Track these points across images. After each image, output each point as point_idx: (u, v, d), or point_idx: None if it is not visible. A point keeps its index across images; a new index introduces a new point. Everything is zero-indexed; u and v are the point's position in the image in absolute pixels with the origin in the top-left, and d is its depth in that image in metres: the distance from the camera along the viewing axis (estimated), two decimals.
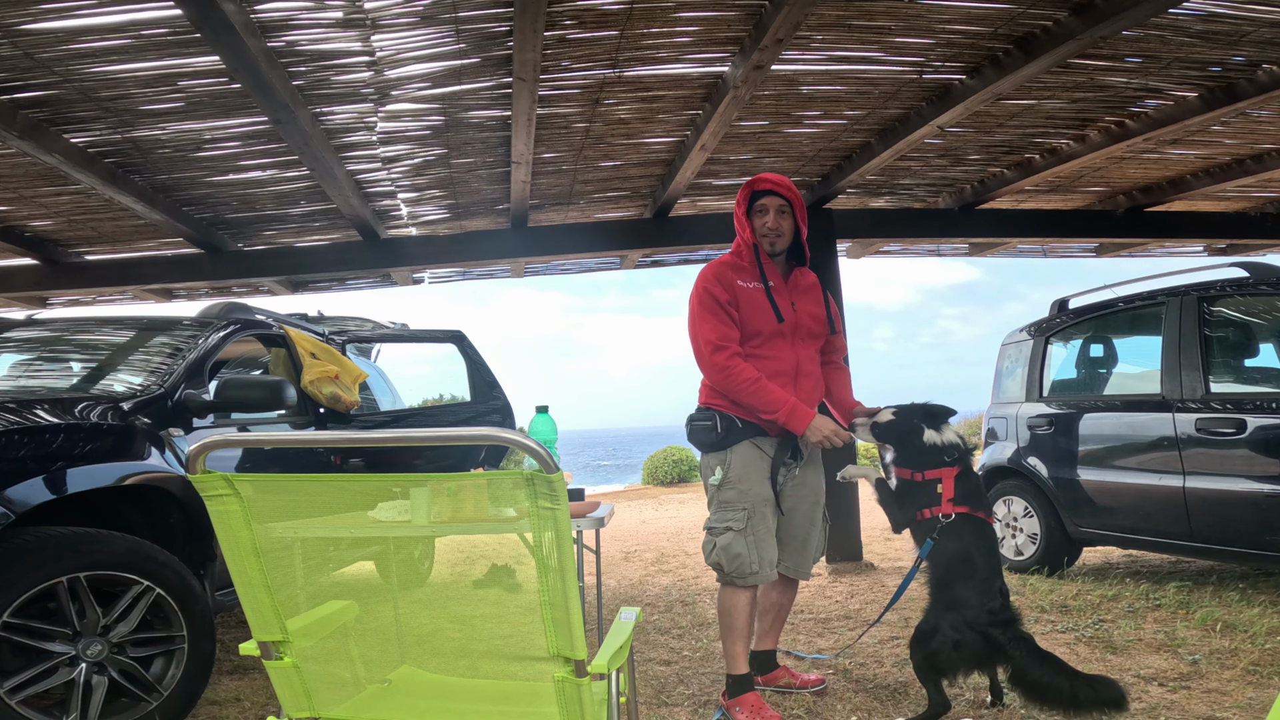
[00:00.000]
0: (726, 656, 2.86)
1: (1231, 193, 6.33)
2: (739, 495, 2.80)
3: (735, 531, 2.77)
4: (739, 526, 2.77)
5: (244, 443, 3.14)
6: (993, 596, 2.63)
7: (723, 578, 2.82)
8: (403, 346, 5.89)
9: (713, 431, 2.85)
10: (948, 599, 2.67)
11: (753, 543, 2.76)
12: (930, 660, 2.64)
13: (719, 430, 2.83)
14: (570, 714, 1.54)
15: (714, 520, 2.84)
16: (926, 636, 2.65)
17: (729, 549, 2.76)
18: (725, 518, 2.80)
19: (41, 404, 2.74)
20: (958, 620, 2.61)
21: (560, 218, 6.07)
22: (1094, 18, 3.30)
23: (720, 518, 2.81)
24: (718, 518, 2.82)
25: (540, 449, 1.38)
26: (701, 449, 2.94)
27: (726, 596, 2.83)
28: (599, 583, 4.18)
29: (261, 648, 1.64)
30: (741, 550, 2.75)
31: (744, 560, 2.75)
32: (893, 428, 2.87)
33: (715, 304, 2.79)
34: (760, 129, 4.70)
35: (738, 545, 2.76)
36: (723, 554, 2.77)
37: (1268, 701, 2.68)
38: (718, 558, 2.79)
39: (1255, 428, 3.75)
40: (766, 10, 3.31)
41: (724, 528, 2.79)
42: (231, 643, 3.69)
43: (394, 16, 3.27)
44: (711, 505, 2.88)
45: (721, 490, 2.83)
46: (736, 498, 2.80)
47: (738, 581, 2.78)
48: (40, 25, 3.13)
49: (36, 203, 5.06)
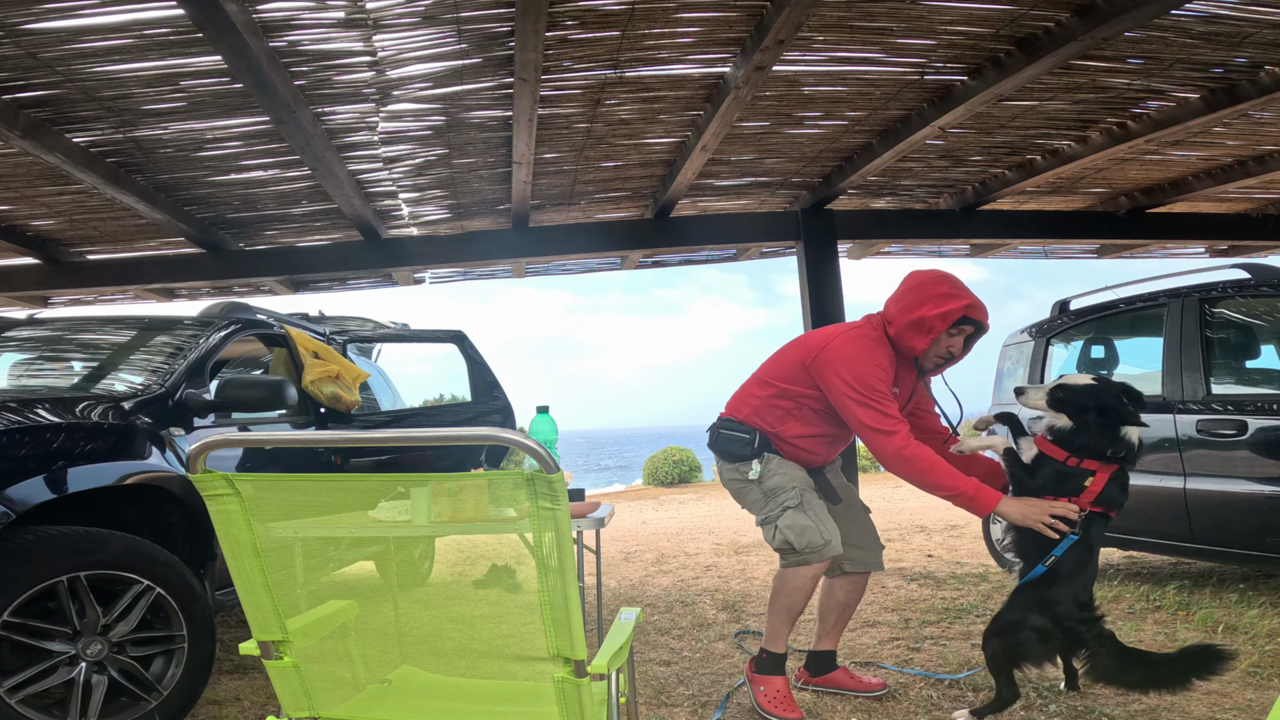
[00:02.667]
0: (770, 631, 2.81)
1: (1233, 194, 6.32)
2: (785, 478, 2.77)
3: (793, 508, 2.71)
4: (794, 503, 2.72)
5: (245, 442, 3.15)
6: (1088, 593, 2.55)
7: (792, 558, 2.72)
8: (403, 346, 5.90)
9: (748, 445, 2.83)
10: (1041, 592, 2.54)
11: (814, 515, 2.71)
12: (1011, 651, 2.55)
13: (754, 444, 2.83)
14: (570, 714, 1.54)
15: (767, 509, 2.77)
16: (1011, 629, 2.55)
17: (794, 525, 2.69)
18: (779, 501, 2.75)
19: (42, 403, 2.74)
20: (1049, 615, 2.51)
21: (561, 218, 6.07)
22: (1096, 19, 3.29)
23: (773, 504, 2.76)
24: (770, 505, 2.77)
25: (541, 449, 1.38)
26: (729, 458, 2.90)
27: (792, 577, 2.74)
28: (599, 583, 4.18)
29: (261, 647, 1.64)
30: (807, 523, 2.68)
31: (812, 532, 2.67)
32: (1091, 394, 2.54)
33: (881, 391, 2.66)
34: (761, 130, 4.70)
35: (800, 519, 2.69)
36: (789, 531, 2.68)
37: (1268, 703, 2.68)
38: (784, 537, 2.70)
39: (1256, 429, 3.74)
40: (768, 11, 3.31)
41: (781, 508, 2.73)
42: (231, 642, 3.69)
43: (396, 17, 3.27)
44: (755, 501, 2.83)
45: (764, 480, 2.79)
46: (783, 481, 2.77)
47: (811, 557, 2.68)
48: (42, 25, 3.13)
49: (38, 202, 5.06)
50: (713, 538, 7.51)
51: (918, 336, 2.69)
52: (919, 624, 3.92)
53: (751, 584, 5.16)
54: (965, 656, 3.36)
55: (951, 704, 2.82)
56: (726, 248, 6.74)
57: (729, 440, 2.89)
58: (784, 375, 2.88)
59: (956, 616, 4.03)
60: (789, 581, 2.76)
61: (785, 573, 2.77)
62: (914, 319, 2.69)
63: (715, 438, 2.96)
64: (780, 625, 2.79)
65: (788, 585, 2.76)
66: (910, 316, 2.70)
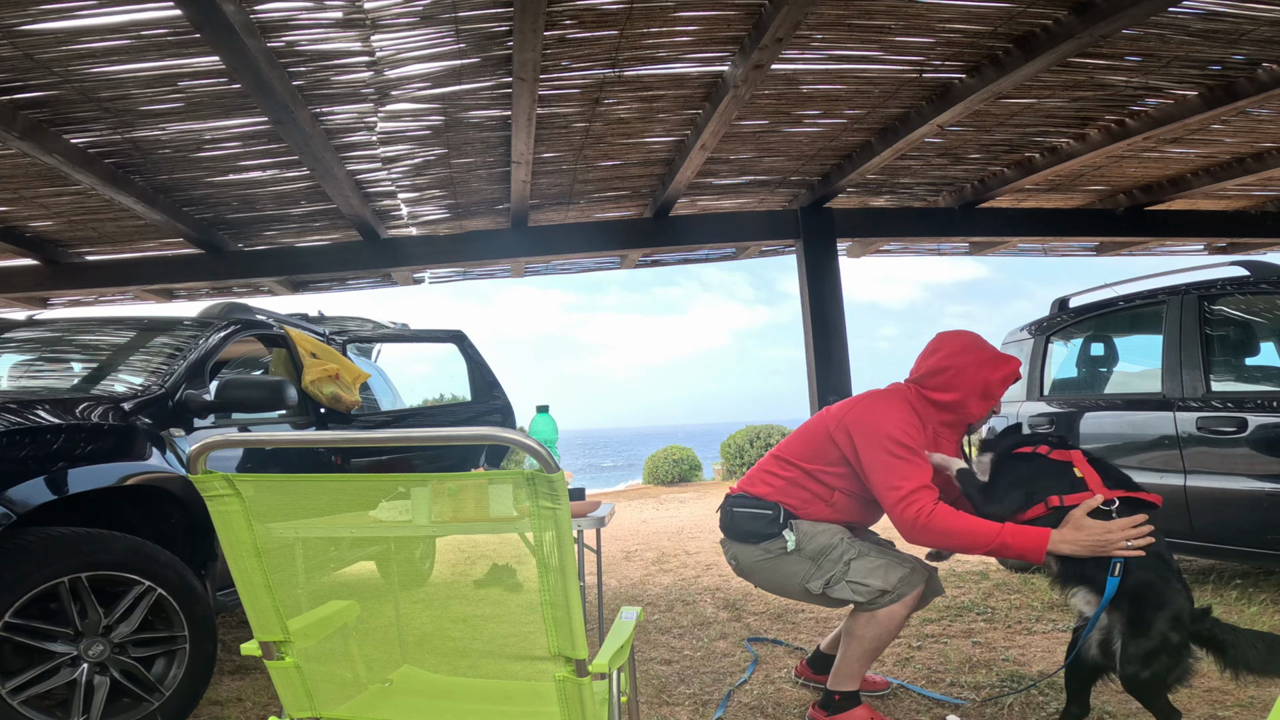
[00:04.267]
0: (845, 672, 2.57)
1: (1232, 191, 6.33)
2: (829, 534, 2.58)
3: (855, 558, 2.52)
4: (854, 554, 2.53)
5: (245, 443, 3.13)
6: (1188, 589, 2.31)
7: (886, 599, 2.49)
8: (403, 346, 5.90)
9: (773, 522, 2.61)
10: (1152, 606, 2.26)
11: (881, 553, 2.53)
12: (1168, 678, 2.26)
13: (779, 519, 2.61)
14: (571, 713, 1.54)
15: (825, 573, 2.54)
16: (1152, 656, 2.23)
17: (871, 569, 2.49)
18: (835, 557, 2.54)
19: (43, 404, 2.74)
20: (1181, 629, 2.24)
21: (560, 217, 6.07)
22: (1094, 16, 3.29)
23: (828, 563, 2.54)
24: (826, 566, 2.54)
25: (541, 448, 1.38)
26: (752, 539, 2.64)
27: (887, 617, 2.49)
28: (600, 582, 4.18)
29: (263, 648, 1.64)
30: (880, 561, 2.50)
31: (893, 566, 2.49)
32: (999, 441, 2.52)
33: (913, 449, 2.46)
34: (760, 128, 4.70)
35: (872, 561, 2.51)
36: (871, 578, 2.48)
37: (1269, 701, 2.68)
38: (868, 585, 2.48)
39: (1256, 426, 3.74)
40: (766, 9, 3.31)
41: (843, 563, 2.52)
42: (233, 643, 3.69)
43: (394, 16, 3.27)
44: (799, 572, 2.58)
45: (805, 546, 2.57)
46: (829, 539, 2.57)
47: (905, 590, 2.48)
48: (40, 26, 3.13)
49: (37, 203, 5.06)
50: (713, 536, 7.52)
51: (981, 404, 2.59)
52: (919, 622, 3.92)
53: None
54: (966, 654, 3.36)
55: (952, 703, 2.82)
56: (725, 246, 6.75)
57: (748, 519, 2.63)
58: (807, 453, 2.65)
59: (957, 615, 4.04)
60: (883, 623, 2.51)
61: (878, 614, 2.51)
62: (980, 387, 2.56)
63: (730, 518, 2.70)
64: (861, 667, 2.56)
65: (880, 626, 2.51)
66: (974, 382, 2.56)
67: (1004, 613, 4.04)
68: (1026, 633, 3.68)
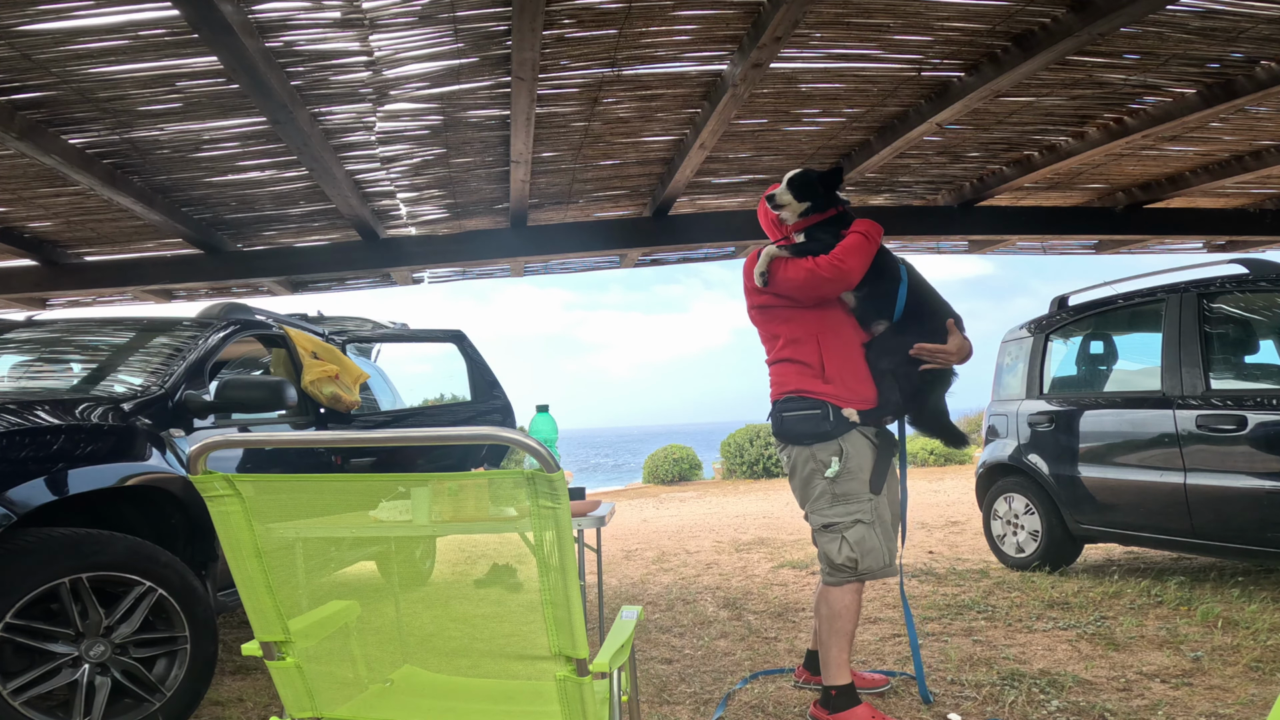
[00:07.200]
0: (829, 664, 2.63)
1: (1230, 189, 6.32)
2: (861, 486, 2.61)
3: (865, 524, 2.59)
4: (868, 519, 2.59)
5: (245, 443, 3.13)
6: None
7: (847, 575, 2.61)
8: (403, 346, 5.90)
9: (825, 421, 2.62)
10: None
11: (881, 535, 2.61)
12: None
13: (831, 420, 2.62)
14: (572, 712, 1.54)
15: (836, 515, 2.62)
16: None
17: (863, 543, 2.57)
18: (850, 511, 2.60)
19: (42, 405, 2.74)
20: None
21: (559, 217, 6.07)
22: (1092, 14, 3.29)
23: (844, 511, 2.61)
24: (840, 511, 2.61)
25: (541, 448, 1.38)
26: (804, 440, 2.66)
27: (843, 596, 2.61)
28: (600, 581, 4.18)
29: (264, 648, 1.64)
30: (875, 544, 2.58)
31: (878, 554, 2.58)
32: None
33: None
34: (759, 127, 4.70)
35: (871, 539, 2.58)
36: (857, 549, 2.57)
37: (1270, 698, 2.69)
38: (848, 553, 2.58)
39: (1256, 424, 3.75)
40: (765, 8, 3.31)
41: (852, 520, 2.59)
42: (234, 643, 3.69)
43: (392, 16, 3.27)
44: (821, 499, 2.65)
45: (839, 482, 2.61)
46: (859, 489, 2.61)
47: (866, 577, 2.60)
48: (38, 26, 3.12)
49: (35, 204, 5.05)
50: (713, 535, 7.52)
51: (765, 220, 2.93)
52: (920, 620, 3.92)
53: (752, 581, 5.16)
54: (967, 653, 3.37)
55: (954, 701, 2.82)
56: (725, 245, 6.74)
57: (803, 421, 2.65)
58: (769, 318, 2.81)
59: (958, 613, 4.04)
60: (837, 602, 2.62)
61: (832, 593, 2.63)
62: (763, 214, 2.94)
63: (780, 423, 2.73)
64: (840, 654, 2.61)
65: (839, 605, 2.61)
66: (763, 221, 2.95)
67: (1004, 611, 4.04)
68: (1027, 631, 3.68)
